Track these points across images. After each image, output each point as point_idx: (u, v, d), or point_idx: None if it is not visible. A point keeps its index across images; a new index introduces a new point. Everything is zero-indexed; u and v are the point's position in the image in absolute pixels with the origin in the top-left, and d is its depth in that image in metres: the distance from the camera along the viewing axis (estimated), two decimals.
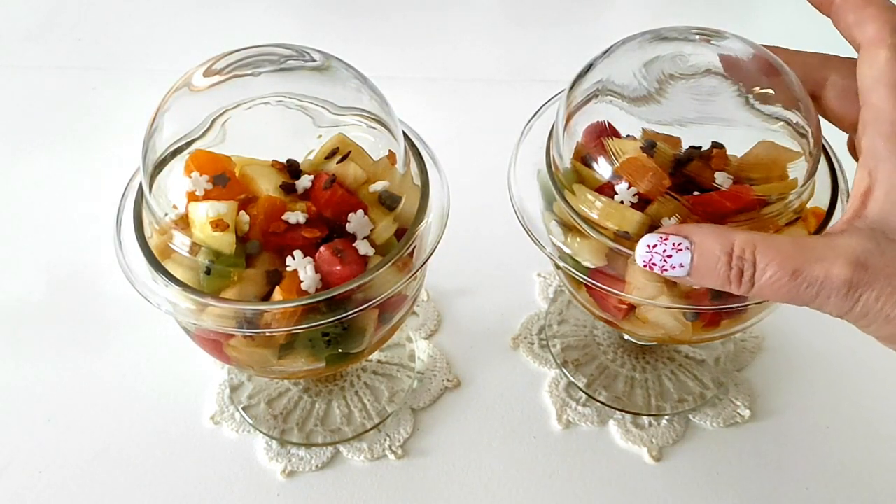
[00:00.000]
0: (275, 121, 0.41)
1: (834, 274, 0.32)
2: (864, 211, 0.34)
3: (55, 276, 0.59)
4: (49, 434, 0.51)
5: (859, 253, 0.33)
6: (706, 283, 0.35)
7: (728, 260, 0.34)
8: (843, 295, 0.33)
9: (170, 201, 0.39)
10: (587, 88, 0.41)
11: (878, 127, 0.35)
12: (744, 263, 0.34)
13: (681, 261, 0.35)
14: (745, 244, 0.34)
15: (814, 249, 0.33)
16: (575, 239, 0.43)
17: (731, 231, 0.35)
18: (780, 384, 0.53)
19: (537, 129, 0.45)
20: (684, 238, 0.35)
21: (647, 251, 0.36)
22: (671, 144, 0.40)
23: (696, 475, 0.49)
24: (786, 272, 0.33)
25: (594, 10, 0.80)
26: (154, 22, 0.82)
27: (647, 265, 0.36)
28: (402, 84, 0.59)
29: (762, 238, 0.34)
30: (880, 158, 0.34)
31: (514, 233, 0.61)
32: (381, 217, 0.40)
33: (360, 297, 0.38)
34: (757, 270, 0.33)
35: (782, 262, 0.33)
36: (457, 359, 0.55)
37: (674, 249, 0.35)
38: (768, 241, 0.34)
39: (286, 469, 0.49)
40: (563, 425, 0.51)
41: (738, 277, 0.34)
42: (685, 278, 0.35)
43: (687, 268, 0.35)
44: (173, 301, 0.39)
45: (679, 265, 0.35)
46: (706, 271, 0.35)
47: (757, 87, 0.39)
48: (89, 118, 0.72)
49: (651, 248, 0.36)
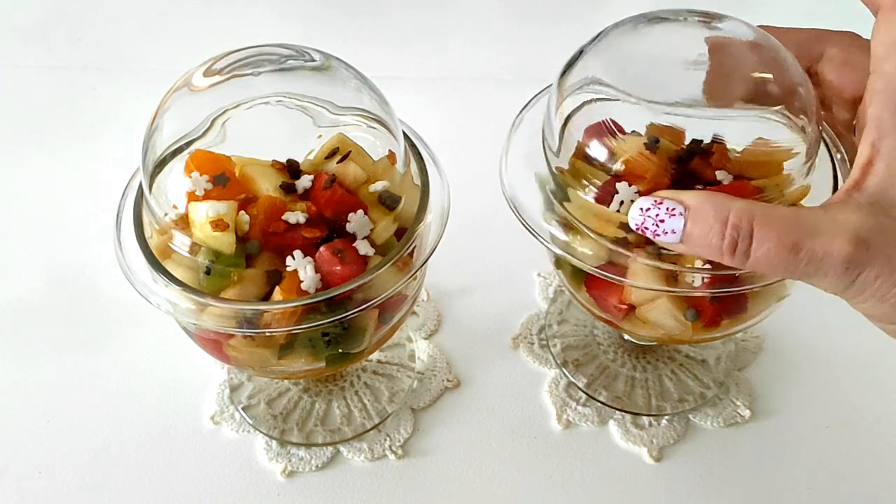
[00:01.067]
0: (275, 121, 0.41)
1: (834, 250, 0.31)
2: (863, 183, 0.33)
3: (55, 276, 0.59)
4: (49, 434, 0.51)
5: (860, 229, 0.32)
6: (698, 251, 0.34)
7: (722, 229, 0.33)
8: (842, 272, 0.32)
9: (170, 201, 0.39)
10: (579, 80, 0.39)
11: (888, 97, 0.33)
12: (739, 233, 0.32)
13: (673, 226, 0.34)
14: (741, 213, 0.33)
15: (814, 223, 0.32)
16: (575, 238, 0.43)
17: (729, 199, 0.33)
18: (780, 384, 0.53)
19: (528, 120, 0.45)
20: (678, 203, 0.34)
21: (640, 214, 0.35)
22: (675, 138, 0.40)
23: (696, 475, 0.49)
24: (784, 246, 0.32)
25: (595, 10, 0.79)
26: (154, 22, 0.82)
27: (639, 228, 0.35)
28: (402, 84, 0.59)
29: (760, 208, 0.33)
30: (886, 130, 0.33)
31: (514, 233, 0.61)
32: (381, 217, 0.40)
33: (360, 297, 0.38)
34: (754, 242, 0.32)
35: (781, 234, 0.32)
36: (457, 359, 0.55)
37: (667, 214, 0.34)
38: (767, 212, 0.33)
39: (286, 469, 0.49)
40: (563, 425, 0.51)
41: (731, 248, 0.33)
42: (677, 245, 0.34)
43: (679, 234, 0.34)
44: (173, 301, 0.39)
45: (671, 231, 0.34)
46: (698, 239, 0.33)
47: (754, 71, 0.38)
48: (89, 118, 0.72)
49: (644, 211, 0.34)
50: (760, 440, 0.50)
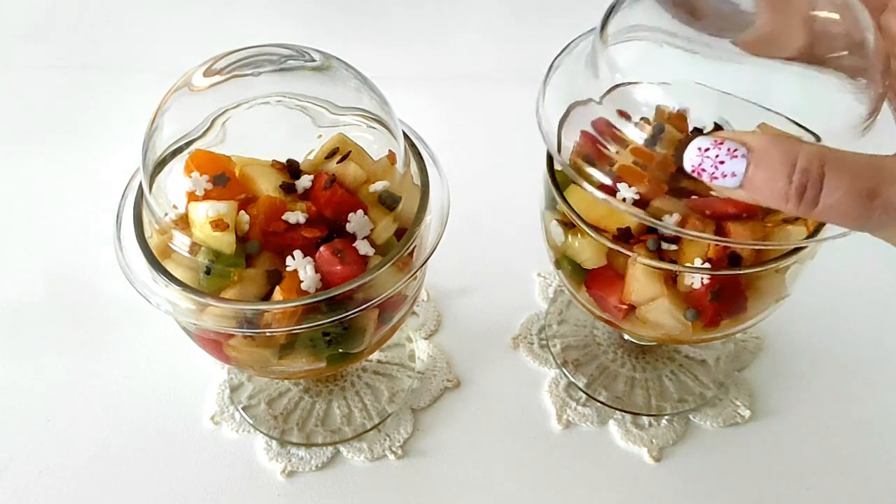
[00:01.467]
0: (275, 121, 0.41)
1: None
2: None
3: (55, 276, 0.59)
4: (49, 434, 0.51)
5: None
6: (760, 197, 0.31)
7: (789, 173, 0.30)
8: None
9: (170, 201, 0.39)
10: (622, 27, 0.37)
11: None
12: (808, 179, 0.29)
13: (734, 169, 0.31)
14: (811, 157, 0.30)
15: (892, 169, 0.29)
16: (576, 238, 0.43)
17: (796, 141, 0.31)
18: (780, 384, 0.53)
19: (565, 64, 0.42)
20: (741, 144, 0.31)
21: (698, 154, 0.32)
22: (678, 123, 0.39)
23: (696, 475, 0.49)
24: (858, 193, 0.29)
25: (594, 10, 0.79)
26: (154, 22, 0.81)
27: (695, 171, 0.32)
28: (402, 84, 0.58)
29: (832, 152, 0.30)
30: None
31: (514, 233, 0.61)
32: (381, 217, 0.40)
33: (360, 297, 0.38)
34: (824, 189, 0.29)
35: (854, 180, 0.29)
36: (457, 359, 0.55)
37: (728, 155, 0.31)
38: (839, 156, 0.30)
39: (286, 469, 0.49)
40: (563, 425, 0.51)
41: (798, 194, 0.30)
42: (735, 191, 0.31)
43: (739, 178, 0.31)
44: (173, 301, 0.39)
45: (731, 174, 0.31)
46: (762, 184, 0.31)
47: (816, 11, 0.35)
48: (89, 118, 0.72)
49: (702, 151, 0.32)
50: (760, 440, 0.50)
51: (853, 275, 0.58)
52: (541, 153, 0.44)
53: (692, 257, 0.40)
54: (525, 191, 0.51)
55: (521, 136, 0.60)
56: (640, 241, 0.41)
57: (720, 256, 0.40)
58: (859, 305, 0.57)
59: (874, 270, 0.59)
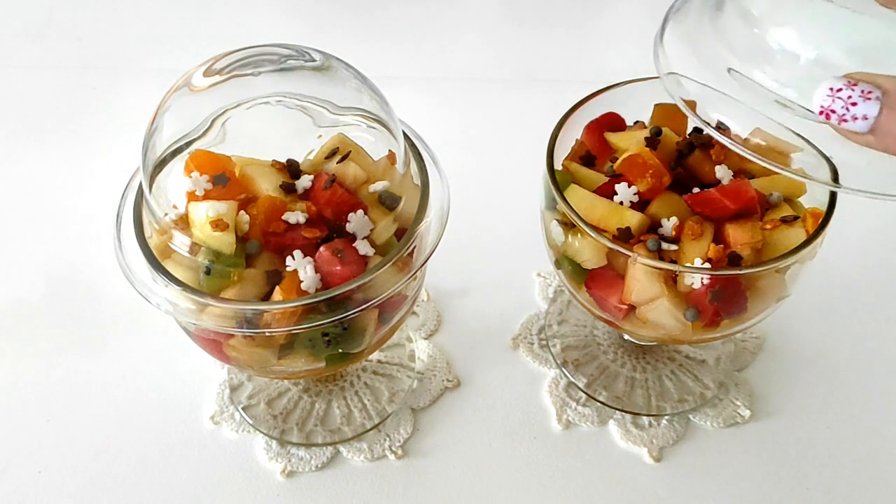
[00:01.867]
0: (275, 121, 0.41)
1: None
2: None
3: (55, 276, 0.59)
4: (49, 434, 0.51)
5: None
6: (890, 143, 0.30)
7: None
8: None
9: (170, 201, 0.39)
10: None
11: None
12: None
13: (866, 111, 0.29)
14: None
15: None
16: (576, 238, 0.43)
17: None
18: (780, 384, 0.53)
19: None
20: (877, 87, 0.29)
21: (829, 95, 0.30)
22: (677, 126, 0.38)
23: (696, 475, 0.49)
24: None
25: (595, 10, 0.79)
26: (154, 22, 0.81)
27: (824, 112, 0.30)
28: (402, 84, 0.59)
29: None
30: None
31: (515, 233, 0.61)
32: (381, 217, 0.40)
33: (360, 297, 0.38)
34: None
35: None
36: (457, 359, 0.55)
37: (861, 97, 0.29)
38: None
39: (286, 469, 0.49)
40: (563, 425, 0.51)
41: None
42: (864, 136, 0.30)
43: (871, 121, 0.29)
44: (173, 301, 0.39)
45: (863, 117, 0.29)
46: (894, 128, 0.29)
47: None
48: (89, 118, 0.72)
49: (834, 91, 0.30)
50: (760, 440, 0.50)
51: (853, 275, 0.58)
52: (541, 153, 0.44)
53: (692, 257, 0.40)
54: (525, 191, 0.51)
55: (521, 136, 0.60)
56: (640, 241, 0.41)
57: (720, 256, 0.40)
58: (859, 305, 0.57)
59: (874, 270, 0.59)
